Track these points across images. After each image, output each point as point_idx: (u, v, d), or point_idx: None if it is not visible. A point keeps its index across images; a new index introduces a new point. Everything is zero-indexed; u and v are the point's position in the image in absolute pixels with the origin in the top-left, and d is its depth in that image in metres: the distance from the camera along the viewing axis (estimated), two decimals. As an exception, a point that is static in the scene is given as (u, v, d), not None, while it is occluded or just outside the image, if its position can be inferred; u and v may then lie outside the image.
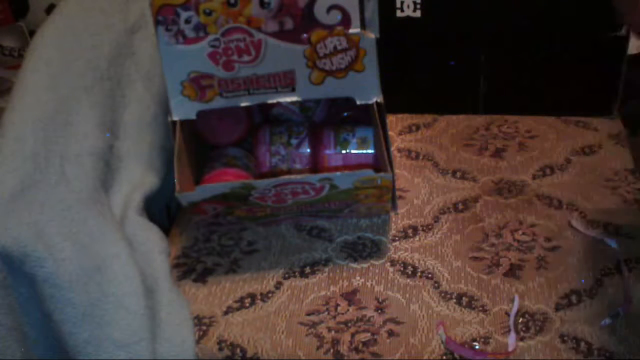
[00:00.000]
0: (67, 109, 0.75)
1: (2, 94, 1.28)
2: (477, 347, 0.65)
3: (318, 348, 0.66)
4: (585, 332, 0.66)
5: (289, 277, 0.74)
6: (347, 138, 0.79)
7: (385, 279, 0.73)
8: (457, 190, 0.83)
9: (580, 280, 0.71)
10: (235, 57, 0.71)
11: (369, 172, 0.70)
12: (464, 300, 0.70)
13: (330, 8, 0.69)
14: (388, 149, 0.72)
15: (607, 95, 0.93)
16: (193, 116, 0.73)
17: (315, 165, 0.80)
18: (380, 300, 0.71)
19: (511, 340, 0.65)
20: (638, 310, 0.67)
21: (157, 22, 0.69)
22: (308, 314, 0.70)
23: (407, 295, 0.71)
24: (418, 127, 0.95)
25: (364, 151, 0.79)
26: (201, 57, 0.70)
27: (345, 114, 0.85)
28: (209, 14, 0.69)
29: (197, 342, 0.68)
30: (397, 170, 0.86)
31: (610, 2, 0.85)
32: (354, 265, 0.75)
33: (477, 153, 0.89)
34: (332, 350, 0.66)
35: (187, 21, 0.69)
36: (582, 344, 0.65)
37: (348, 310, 0.70)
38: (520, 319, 0.67)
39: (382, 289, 0.72)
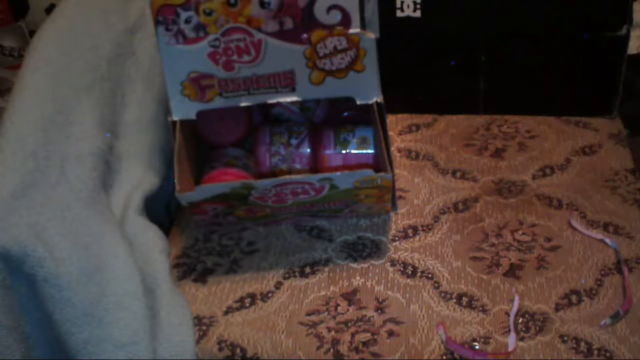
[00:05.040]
0: (67, 109, 0.75)
1: (2, 94, 1.28)
2: (477, 347, 0.65)
3: (318, 348, 0.66)
4: (585, 332, 0.66)
5: (289, 277, 0.74)
6: (347, 138, 0.79)
7: (385, 279, 0.73)
8: (457, 190, 0.83)
9: (580, 280, 0.71)
10: (235, 57, 0.71)
11: (369, 172, 0.70)
12: (464, 300, 0.70)
13: (330, 8, 0.69)
14: (388, 149, 0.72)
15: (607, 95, 0.93)
16: (193, 116, 0.73)
17: (315, 165, 0.80)
18: (380, 300, 0.71)
19: (511, 340, 0.65)
20: (638, 310, 0.67)
21: (157, 22, 0.69)
22: (308, 314, 0.70)
23: (407, 295, 0.71)
24: (418, 127, 0.95)
25: (364, 151, 0.79)
26: (201, 57, 0.70)
27: (345, 114, 0.85)
28: (209, 14, 0.69)
29: (197, 342, 0.68)
30: (397, 170, 0.86)
31: (611, 2, 0.85)
32: (354, 265, 0.75)
33: (477, 153, 0.89)
34: (332, 350, 0.66)
35: (187, 21, 0.69)
36: (582, 344, 0.65)
37: (348, 310, 0.70)
38: (520, 319, 0.67)
39: (382, 289, 0.72)
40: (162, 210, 0.84)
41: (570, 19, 0.88)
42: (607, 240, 0.74)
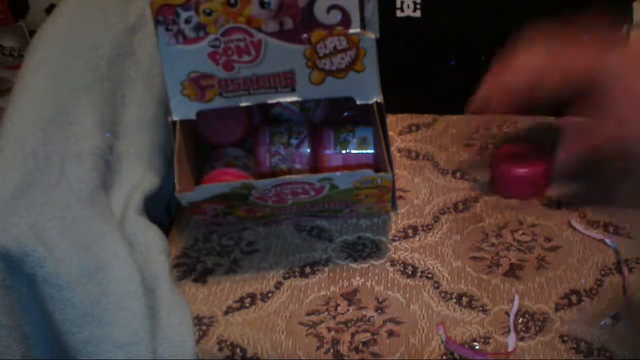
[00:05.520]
0: (67, 109, 0.75)
1: (2, 94, 1.28)
2: (477, 347, 0.65)
3: (318, 348, 0.66)
4: (585, 332, 0.66)
5: (289, 277, 0.74)
6: (347, 138, 0.79)
7: (385, 279, 0.73)
8: (457, 190, 0.83)
9: (580, 280, 0.71)
10: (235, 57, 0.71)
11: (369, 172, 0.70)
12: (464, 300, 0.70)
13: (330, 8, 0.69)
14: (388, 149, 0.72)
15: (607, 95, 0.93)
16: (193, 116, 0.73)
17: (315, 165, 0.80)
18: (380, 300, 0.71)
19: (511, 340, 0.65)
20: (638, 311, 0.67)
21: (157, 22, 0.69)
22: (308, 314, 0.70)
23: (407, 295, 0.71)
24: (418, 127, 0.95)
25: (364, 151, 0.79)
26: (201, 57, 0.70)
27: (345, 114, 0.85)
28: (209, 14, 0.69)
29: (197, 342, 0.68)
30: (397, 170, 0.86)
31: (611, 2, 0.85)
32: (354, 265, 0.75)
33: (477, 153, 0.89)
34: (332, 350, 0.66)
35: (187, 21, 0.69)
36: (582, 344, 0.65)
37: (348, 310, 0.70)
38: (520, 319, 0.67)
39: (382, 289, 0.72)
40: (162, 210, 0.84)
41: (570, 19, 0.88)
42: (607, 241, 0.74)
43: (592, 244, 0.75)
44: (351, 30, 0.70)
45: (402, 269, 0.74)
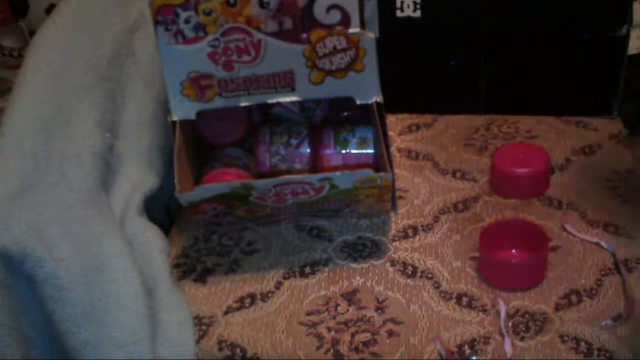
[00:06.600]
0: (67, 109, 0.75)
1: (2, 94, 1.28)
2: (474, 358, 0.65)
3: (318, 348, 0.66)
4: (585, 332, 0.66)
5: (289, 277, 0.74)
6: (347, 138, 0.79)
7: (385, 279, 0.73)
8: (457, 190, 0.83)
9: (580, 280, 0.71)
10: (234, 57, 0.71)
11: (368, 172, 0.70)
12: (464, 300, 0.70)
13: (329, 8, 0.69)
14: (388, 149, 0.72)
15: (607, 95, 0.93)
16: (193, 116, 0.73)
17: (315, 165, 0.80)
18: (380, 300, 0.71)
19: (507, 346, 0.65)
20: (638, 311, 0.67)
21: (156, 22, 0.69)
22: (308, 314, 0.70)
23: (407, 295, 0.71)
24: (418, 127, 0.95)
25: (364, 151, 0.79)
26: (201, 57, 0.70)
27: (345, 114, 0.85)
28: (208, 14, 0.69)
29: (197, 342, 0.68)
30: (397, 170, 0.86)
31: (611, 2, 0.85)
32: (354, 265, 0.75)
33: (477, 153, 0.89)
34: (332, 350, 0.66)
35: (187, 21, 0.69)
36: (582, 344, 0.65)
37: (348, 310, 0.70)
38: (520, 319, 0.67)
39: (382, 289, 0.72)
40: (162, 210, 0.84)
41: (570, 19, 0.88)
42: (603, 244, 0.74)
43: (591, 244, 0.75)
44: (351, 30, 0.70)
45: (402, 269, 0.74)
